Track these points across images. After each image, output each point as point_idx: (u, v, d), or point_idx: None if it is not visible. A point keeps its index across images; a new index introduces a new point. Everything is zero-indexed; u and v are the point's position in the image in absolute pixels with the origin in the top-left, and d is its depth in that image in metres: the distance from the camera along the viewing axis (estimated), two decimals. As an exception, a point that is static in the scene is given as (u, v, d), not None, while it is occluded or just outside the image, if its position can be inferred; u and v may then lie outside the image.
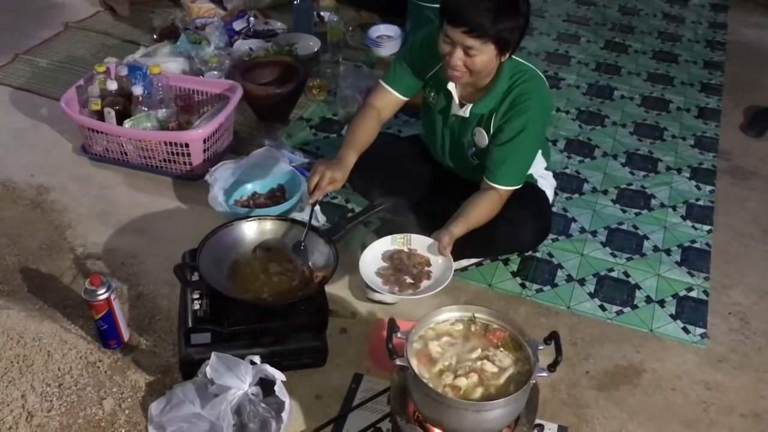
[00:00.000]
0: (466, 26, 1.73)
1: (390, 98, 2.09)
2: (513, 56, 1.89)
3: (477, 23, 1.72)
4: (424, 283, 1.85)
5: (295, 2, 3.26)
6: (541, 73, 1.95)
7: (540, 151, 2.09)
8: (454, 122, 2.03)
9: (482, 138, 1.98)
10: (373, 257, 1.90)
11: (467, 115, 1.96)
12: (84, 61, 3.11)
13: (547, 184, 2.16)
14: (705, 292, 2.11)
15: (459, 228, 1.88)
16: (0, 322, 1.74)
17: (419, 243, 1.92)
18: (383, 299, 2.00)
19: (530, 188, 2.06)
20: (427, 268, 1.88)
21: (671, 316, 2.03)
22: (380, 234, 2.14)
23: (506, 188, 1.94)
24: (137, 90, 2.42)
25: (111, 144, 2.45)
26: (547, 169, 2.19)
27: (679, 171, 2.62)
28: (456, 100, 1.97)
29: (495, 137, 1.94)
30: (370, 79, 2.81)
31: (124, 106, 2.44)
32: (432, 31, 1.97)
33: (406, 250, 1.92)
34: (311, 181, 1.92)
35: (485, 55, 1.79)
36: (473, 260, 2.13)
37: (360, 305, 2.02)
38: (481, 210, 1.92)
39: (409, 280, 1.85)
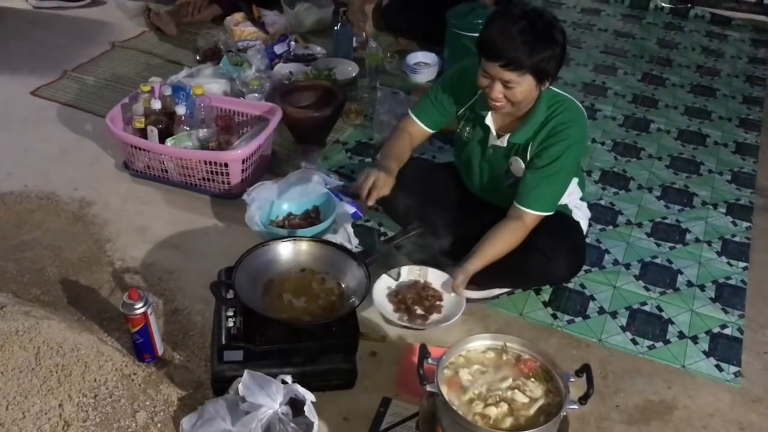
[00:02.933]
0: (502, 60, 1.77)
1: (417, 129, 2.17)
2: (551, 87, 1.91)
3: (513, 57, 1.76)
4: (433, 317, 1.94)
5: (335, 28, 3.32)
6: (579, 104, 1.97)
7: (576, 181, 2.09)
8: (491, 154, 2.05)
9: (519, 166, 1.99)
10: (387, 284, 2.01)
11: (504, 144, 1.99)
12: (129, 80, 3.21)
13: (581, 215, 2.16)
14: (740, 329, 2.09)
15: (474, 265, 1.93)
16: (41, 331, 1.78)
17: (435, 277, 2.02)
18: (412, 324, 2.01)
19: (564, 219, 2.07)
20: (438, 303, 1.97)
21: (704, 352, 2.01)
22: (412, 258, 2.16)
23: (534, 213, 1.95)
24: (180, 110, 2.49)
25: (152, 161, 2.51)
26: (582, 199, 2.19)
27: (715, 206, 2.59)
28: (493, 131, 2.00)
29: (531, 163, 1.95)
30: (407, 105, 2.84)
31: (167, 125, 2.51)
32: (465, 67, 2.02)
33: (421, 281, 1.99)
34: (365, 185, 2.02)
35: (524, 86, 1.82)
36: (505, 288, 2.14)
37: (390, 329, 2.03)
38: (500, 243, 1.95)
39: (419, 311, 1.95)
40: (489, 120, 1.99)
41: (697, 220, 2.51)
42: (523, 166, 1.98)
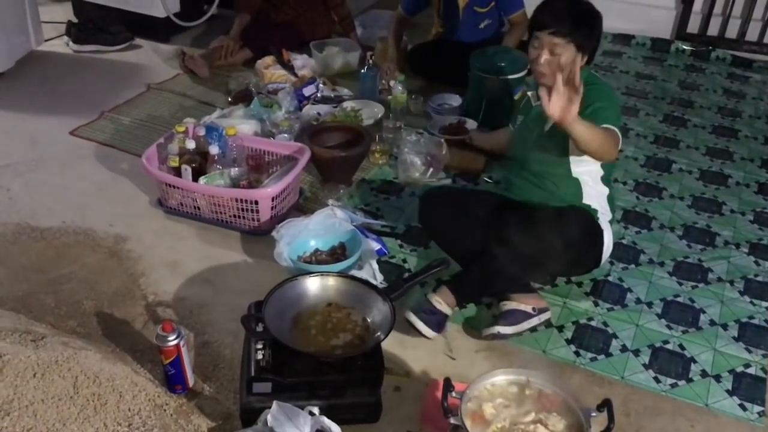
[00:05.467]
0: (552, 28, 2.10)
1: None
2: (593, 73, 2.21)
3: (560, 25, 2.10)
4: None
5: (362, 71, 3.43)
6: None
7: (606, 192, 2.24)
8: (531, 124, 2.30)
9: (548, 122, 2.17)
10: None
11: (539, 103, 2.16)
12: (163, 120, 3.32)
13: (606, 234, 2.25)
14: (763, 369, 2.09)
15: (581, 122, 1.91)
16: (79, 361, 1.84)
17: None
18: (417, 325, 2.09)
19: (585, 215, 2.21)
20: None
21: (727, 391, 2.01)
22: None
23: (608, 125, 2.05)
24: (213, 149, 2.58)
25: (185, 199, 2.60)
26: (611, 222, 2.29)
27: (738, 246, 2.61)
28: (532, 98, 2.31)
29: None
30: (431, 144, 2.92)
31: (200, 163, 2.60)
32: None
33: None
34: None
35: (567, 54, 2.10)
36: (533, 322, 2.16)
37: (414, 365, 2.07)
38: (600, 130, 2.00)
39: None
40: (530, 92, 2.33)
41: (720, 260, 2.53)
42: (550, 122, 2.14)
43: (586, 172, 2.21)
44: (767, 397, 2.00)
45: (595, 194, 2.24)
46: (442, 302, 2.14)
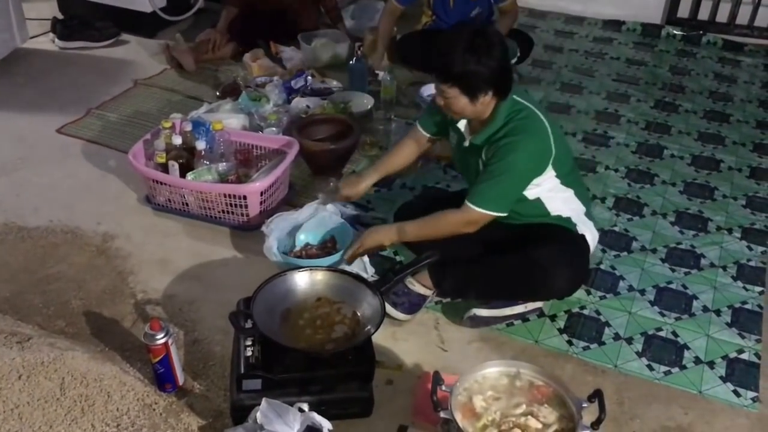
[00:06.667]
0: (433, 71, 1.99)
1: (420, 135, 2.35)
2: (517, 97, 2.02)
3: (437, 68, 1.97)
4: None
5: (351, 62, 3.40)
6: (539, 114, 2.03)
7: (572, 192, 2.13)
8: (466, 156, 2.17)
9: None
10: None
11: (468, 145, 2.12)
12: (150, 116, 3.29)
13: (586, 229, 2.18)
14: (757, 354, 2.08)
15: (408, 228, 2.12)
16: (66, 362, 1.83)
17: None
18: (387, 309, 2.04)
19: (565, 232, 2.13)
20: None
21: (721, 378, 2.00)
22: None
23: (474, 208, 2.01)
24: (200, 145, 2.56)
25: (173, 195, 2.58)
26: (588, 215, 2.20)
27: (730, 231, 2.60)
28: (465, 133, 2.14)
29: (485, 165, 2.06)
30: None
31: (188, 159, 2.58)
32: None
33: None
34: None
35: (454, 97, 1.96)
36: (517, 310, 2.15)
37: (406, 357, 2.05)
38: (434, 224, 2.09)
39: None
40: (461, 124, 2.13)
41: (712, 246, 2.52)
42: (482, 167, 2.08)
43: (543, 190, 2.08)
44: (761, 382, 1.99)
45: (561, 203, 2.13)
46: (416, 283, 2.14)
